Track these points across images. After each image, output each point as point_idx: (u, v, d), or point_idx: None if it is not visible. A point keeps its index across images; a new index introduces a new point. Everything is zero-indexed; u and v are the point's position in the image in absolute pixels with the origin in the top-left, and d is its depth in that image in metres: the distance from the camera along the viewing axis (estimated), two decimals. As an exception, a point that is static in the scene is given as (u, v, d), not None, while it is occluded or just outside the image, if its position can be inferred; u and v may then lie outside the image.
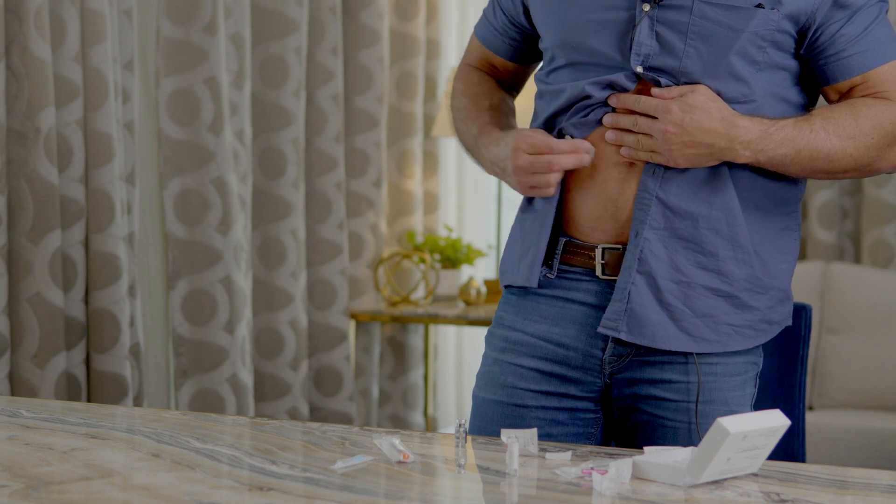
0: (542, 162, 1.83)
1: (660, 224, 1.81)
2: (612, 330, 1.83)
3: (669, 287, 1.82)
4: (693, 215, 1.81)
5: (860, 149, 1.78)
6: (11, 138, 3.10)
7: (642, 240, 1.81)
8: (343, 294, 4.36)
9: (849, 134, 1.77)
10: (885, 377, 4.15)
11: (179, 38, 3.68)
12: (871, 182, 4.55)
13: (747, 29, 1.76)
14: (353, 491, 1.43)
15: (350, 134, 4.48)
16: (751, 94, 1.80)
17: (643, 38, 1.78)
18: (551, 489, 1.46)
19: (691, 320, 1.83)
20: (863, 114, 1.78)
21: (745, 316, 1.85)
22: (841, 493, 1.46)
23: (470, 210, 5.11)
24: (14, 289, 3.14)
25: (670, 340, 1.83)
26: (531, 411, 1.90)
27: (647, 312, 1.82)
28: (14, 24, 3.07)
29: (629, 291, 1.82)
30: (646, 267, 1.81)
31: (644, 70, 1.79)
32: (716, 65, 1.77)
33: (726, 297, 1.83)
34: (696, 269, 1.82)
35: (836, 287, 4.29)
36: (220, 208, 3.77)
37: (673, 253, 1.82)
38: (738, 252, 1.82)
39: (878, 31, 1.80)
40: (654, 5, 1.78)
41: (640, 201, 1.81)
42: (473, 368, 5.18)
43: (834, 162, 1.78)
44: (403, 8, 4.70)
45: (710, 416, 1.83)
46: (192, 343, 3.78)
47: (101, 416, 1.89)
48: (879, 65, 1.80)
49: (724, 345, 1.84)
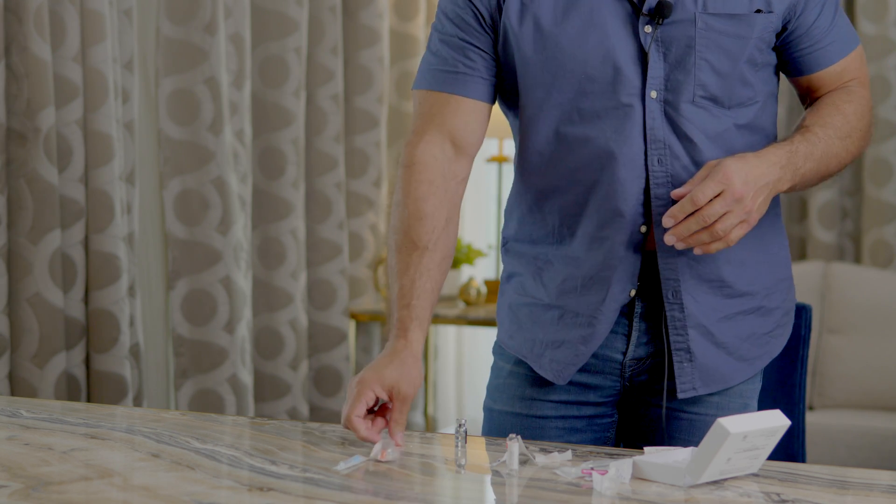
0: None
1: (688, 275, 1.82)
2: (691, 391, 1.84)
3: (719, 328, 1.84)
4: (711, 255, 1.81)
5: (856, 142, 1.83)
6: (11, 138, 3.10)
7: (682, 296, 1.81)
8: (343, 294, 4.35)
9: (845, 133, 1.81)
10: (885, 377, 4.15)
11: (179, 38, 3.68)
12: (871, 182, 4.55)
13: (753, 35, 1.77)
14: (353, 491, 1.43)
15: (350, 134, 4.48)
16: (755, 96, 1.82)
17: (655, 62, 1.77)
18: (551, 489, 1.46)
19: (742, 346, 1.86)
20: (847, 111, 1.82)
21: (772, 319, 1.89)
22: (841, 493, 1.46)
23: (470, 210, 5.11)
24: (14, 289, 3.13)
25: (737, 375, 1.86)
26: (550, 421, 1.89)
27: (712, 360, 1.84)
28: (14, 24, 3.07)
29: (690, 348, 1.83)
30: (694, 319, 1.83)
31: (657, 93, 1.78)
32: (729, 74, 1.78)
33: (755, 311, 1.87)
34: (726, 300, 1.84)
35: (836, 287, 4.29)
36: (220, 208, 3.77)
37: (708, 296, 1.83)
38: (746, 269, 1.85)
39: (840, 21, 1.86)
40: (657, 26, 1.76)
41: (661, 261, 1.80)
42: (474, 368, 5.18)
43: (841, 163, 1.82)
44: (403, 8, 4.70)
45: (725, 407, 1.85)
46: (192, 343, 3.78)
47: (100, 416, 1.89)
48: (847, 54, 1.86)
49: (769, 354, 1.89)
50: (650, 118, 1.77)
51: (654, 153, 1.77)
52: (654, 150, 1.78)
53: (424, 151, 1.83)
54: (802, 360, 2.10)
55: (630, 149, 1.77)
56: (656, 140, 1.77)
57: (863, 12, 4.54)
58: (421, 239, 1.79)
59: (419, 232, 1.79)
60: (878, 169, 4.56)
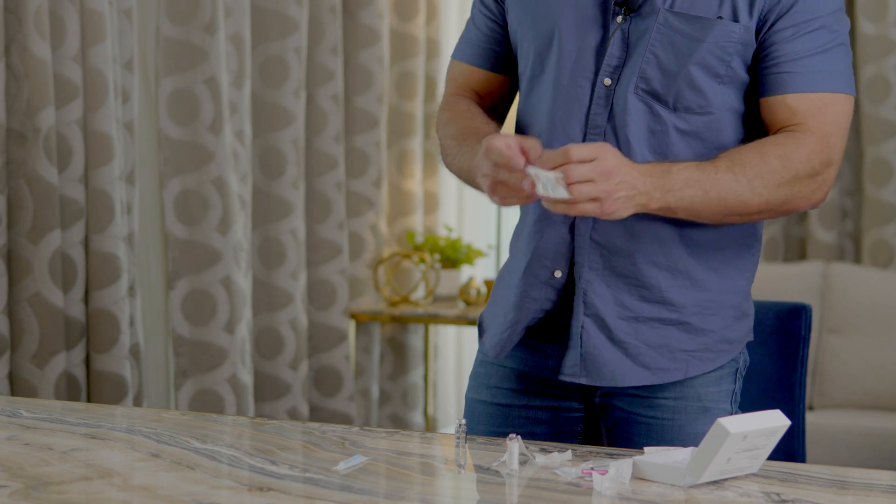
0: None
1: (598, 265, 1.82)
2: (573, 376, 1.84)
3: (619, 325, 1.82)
4: (628, 251, 1.81)
5: (769, 188, 1.72)
6: (11, 138, 3.10)
7: (584, 282, 1.82)
8: (343, 294, 4.36)
9: (756, 173, 1.71)
10: (885, 377, 4.15)
11: (179, 38, 3.68)
12: (871, 182, 4.55)
13: (707, 39, 1.76)
14: (353, 491, 1.43)
15: (350, 134, 4.48)
16: (707, 107, 1.79)
17: (615, 51, 1.80)
18: (551, 489, 1.46)
19: (647, 353, 1.83)
20: (770, 152, 1.73)
21: (700, 340, 1.83)
22: (841, 493, 1.46)
23: (470, 210, 5.11)
24: (14, 289, 3.13)
25: (629, 377, 1.83)
26: (514, 410, 1.91)
27: (602, 353, 1.83)
28: (14, 24, 3.07)
29: (581, 336, 1.83)
30: (592, 309, 1.82)
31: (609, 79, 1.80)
32: (675, 74, 1.77)
33: (677, 325, 1.83)
34: (641, 302, 1.82)
35: (836, 287, 4.29)
36: (220, 208, 3.77)
37: (616, 291, 1.82)
38: (679, 279, 1.82)
39: (828, 61, 1.76)
40: (627, 17, 1.79)
41: (576, 244, 1.82)
42: (473, 368, 5.18)
43: (745, 203, 1.72)
44: (403, 8, 4.70)
45: (684, 412, 1.83)
46: (192, 343, 3.78)
47: (100, 416, 1.89)
48: (809, 91, 1.76)
49: (683, 371, 1.83)
50: (595, 104, 1.80)
51: (590, 138, 1.81)
52: (591, 135, 1.80)
53: (457, 98, 1.98)
54: (802, 360, 2.10)
55: (572, 129, 1.82)
56: (595, 126, 1.80)
57: (863, 12, 4.54)
58: (477, 117, 1.93)
59: (475, 118, 1.93)
60: (878, 169, 4.56)
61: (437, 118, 1.99)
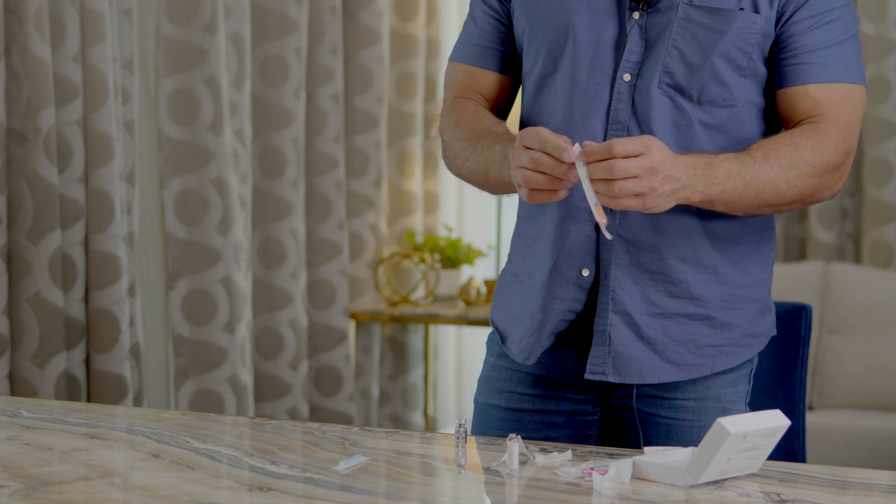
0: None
1: (625, 261, 1.81)
2: (600, 374, 1.84)
3: (647, 321, 1.82)
4: (655, 246, 1.81)
5: (803, 178, 1.74)
6: (11, 138, 3.10)
7: (612, 279, 1.81)
8: (343, 294, 4.35)
9: (790, 164, 1.73)
10: (885, 377, 4.15)
11: (179, 38, 3.68)
12: (871, 182, 4.55)
13: (730, 31, 1.76)
14: (353, 491, 1.43)
15: (350, 134, 4.48)
16: (731, 99, 1.80)
17: (634, 46, 1.79)
18: (551, 489, 1.46)
19: (674, 349, 1.83)
20: (802, 143, 1.74)
21: (725, 334, 1.84)
22: (841, 493, 1.46)
23: (470, 210, 5.11)
24: (14, 289, 3.13)
25: (657, 373, 1.83)
26: (528, 415, 1.90)
27: (630, 350, 1.82)
28: (14, 24, 3.07)
29: (609, 333, 1.82)
30: (621, 306, 1.82)
31: (630, 75, 1.80)
32: (699, 67, 1.77)
33: (703, 320, 1.83)
34: (668, 298, 1.82)
35: (836, 287, 4.29)
36: (220, 208, 3.77)
37: (643, 287, 1.82)
38: (705, 274, 1.82)
39: (845, 51, 1.78)
40: (644, 12, 1.79)
41: (602, 241, 1.81)
42: (473, 368, 5.18)
43: (780, 193, 1.74)
44: (403, 8, 4.70)
45: (704, 413, 1.84)
46: (192, 343, 3.78)
47: (100, 416, 1.89)
48: (830, 82, 1.78)
49: (710, 367, 1.84)
50: (616, 100, 1.80)
51: (612, 134, 1.79)
52: (613, 130, 1.79)
53: (463, 101, 1.94)
54: (802, 360, 2.10)
55: (593, 125, 1.80)
56: (617, 122, 1.80)
57: (863, 12, 4.54)
58: (486, 117, 1.90)
59: (484, 120, 1.90)
60: (878, 169, 4.56)
61: (442, 122, 1.97)
